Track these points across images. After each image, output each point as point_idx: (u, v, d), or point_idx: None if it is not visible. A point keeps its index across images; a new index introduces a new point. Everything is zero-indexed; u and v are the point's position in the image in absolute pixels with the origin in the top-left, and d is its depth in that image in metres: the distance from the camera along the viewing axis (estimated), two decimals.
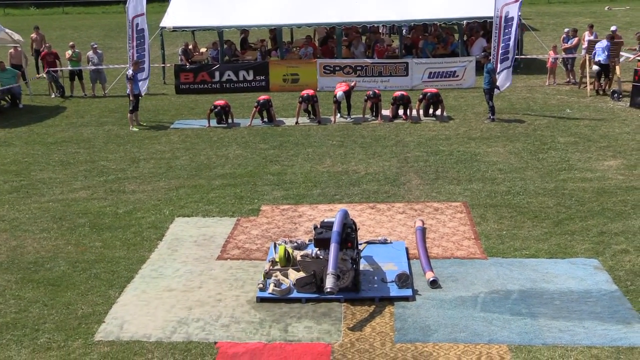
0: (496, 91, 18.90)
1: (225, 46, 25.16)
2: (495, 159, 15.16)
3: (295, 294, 9.29)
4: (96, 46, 24.15)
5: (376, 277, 9.70)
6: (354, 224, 9.68)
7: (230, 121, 19.17)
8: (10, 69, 22.63)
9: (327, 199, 13.06)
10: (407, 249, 10.61)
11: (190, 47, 26.51)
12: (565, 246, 10.66)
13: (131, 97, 19.03)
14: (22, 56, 24.35)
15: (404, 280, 9.42)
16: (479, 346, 8.07)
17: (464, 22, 25.09)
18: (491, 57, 19.30)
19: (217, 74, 23.63)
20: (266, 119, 19.30)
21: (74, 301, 9.44)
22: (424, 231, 11.12)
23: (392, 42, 28.40)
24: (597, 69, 20.99)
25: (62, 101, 23.13)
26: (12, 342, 8.47)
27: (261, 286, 9.43)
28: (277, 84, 23.40)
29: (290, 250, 10.05)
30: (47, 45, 24.67)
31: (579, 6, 44.41)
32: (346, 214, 9.56)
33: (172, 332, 8.58)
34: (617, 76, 21.29)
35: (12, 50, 24.34)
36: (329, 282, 8.64)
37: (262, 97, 19.36)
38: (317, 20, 24.72)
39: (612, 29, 22.83)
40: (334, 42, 25.35)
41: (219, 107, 18.99)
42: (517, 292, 9.31)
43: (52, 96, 23.77)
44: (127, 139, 18.08)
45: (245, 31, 27.30)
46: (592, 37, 22.88)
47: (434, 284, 9.50)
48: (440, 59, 23.73)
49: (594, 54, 21.00)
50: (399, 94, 19.17)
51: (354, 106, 19.64)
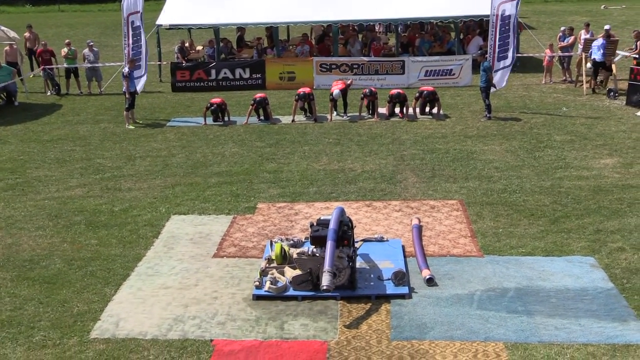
0: (492, 89, 18.91)
1: (221, 44, 25.15)
2: (491, 157, 15.17)
3: (291, 292, 9.29)
4: (92, 44, 24.08)
5: (372, 275, 9.70)
6: (351, 221, 9.69)
7: (226, 119, 19.15)
8: (5, 67, 22.56)
9: (324, 197, 13.06)
10: (403, 247, 10.61)
11: (186, 45, 26.49)
12: (561, 244, 10.67)
13: (127, 95, 19.01)
14: (18, 54, 24.32)
15: (400, 278, 9.42)
16: (475, 344, 8.08)
17: (461, 21, 25.11)
18: (487, 55, 19.32)
19: (213, 71, 23.59)
20: (262, 117, 19.28)
21: (69, 299, 9.42)
22: (420, 229, 11.13)
23: (389, 40, 28.41)
24: (591, 66, 20.98)
25: (58, 99, 23.08)
26: (7, 340, 8.45)
27: (257, 284, 9.42)
28: (274, 82, 23.36)
29: (286, 248, 10.04)
30: (43, 43, 24.63)
31: (575, 5, 44.45)
32: (342, 212, 9.56)
33: (168, 330, 8.57)
34: (613, 74, 21.31)
35: (7, 47, 24.29)
36: (325, 280, 8.63)
37: (258, 95, 19.35)
38: (314, 18, 24.70)
39: (606, 27, 22.85)
40: (331, 40, 25.32)
41: (215, 105, 18.97)
42: (514, 289, 9.32)
43: (48, 94, 23.72)
44: (123, 137, 18.05)
45: (241, 29, 27.27)
46: (588, 36, 22.90)
47: (430, 282, 9.51)
48: (436, 57, 23.71)
49: (590, 52, 21.02)
50: (395, 92, 19.17)
51: (350, 104, 19.63)
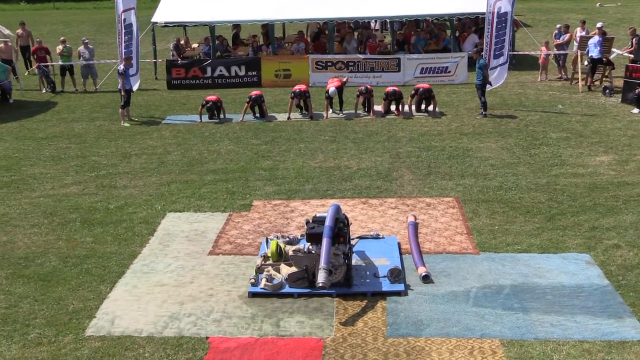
0: (488, 87, 18.92)
1: (217, 42, 25.11)
2: (487, 155, 15.17)
3: (287, 289, 9.28)
4: (87, 41, 24.00)
5: (368, 272, 9.69)
6: (346, 219, 9.68)
7: (222, 116, 19.13)
8: (0, 64, 22.48)
9: (319, 194, 13.05)
10: (399, 244, 10.61)
11: (181, 42, 26.42)
12: (557, 241, 10.68)
13: (122, 93, 18.95)
14: (13, 51, 24.22)
15: (396, 275, 9.41)
16: (471, 341, 8.08)
17: (456, 18, 25.12)
18: (483, 53, 19.31)
19: (208, 69, 23.54)
20: (258, 115, 19.26)
21: (64, 296, 9.40)
22: (416, 226, 11.12)
23: (384, 37, 28.39)
24: (589, 64, 21.00)
25: (53, 96, 23.01)
26: (2, 337, 8.42)
27: (253, 281, 9.41)
28: (269, 79, 23.33)
29: (282, 245, 10.03)
30: (38, 40, 24.55)
31: (571, 3, 44.45)
32: (338, 209, 9.56)
33: (163, 327, 8.55)
34: (609, 72, 21.35)
35: (1, 45, 24.16)
36: (321, 277, 8.63)
37: (254, 92, 19.31)
38: (309, 15, 24.68)
39: (598, 25, 22.90)
40: (326, 37, 25.31)
41: (210, 103, 18.95)
42: (509, 287, 9.32)
43: (43, 91, 23.65)
44: (118, 134, 18.01)
45: (237, 26, 27.23)
46: (584, 33, 22.93)
47: (426, 279, 9.51)
48: (432, 55, 23.72)
49: (587, 50, 21.01)
50: (391, 89, 19.16)
51: (346, 102, 19.62)
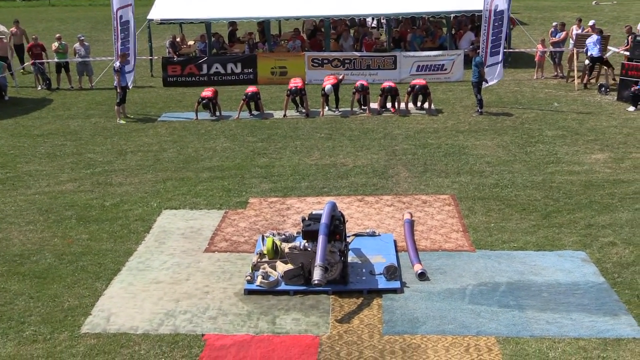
0: (484, 84, 18.92)
1: (213, 39, 25.07)
2: (483, 152, 15.18)
3: (283, 287, 9.27)
4: (83, 38, 23.94)
5: (364, 270, 9.69)
6: (342, 216, 9.68)
7: (218, 114, 19.10)
8: None
9: (315, 192, 13.04)
10: (395, 242, 10.60)
11: (177, 39, 26.37)
12: (553, 239, 10.69)
13: (118, 90, 18.92)
14: (8, 48, 24.14)
15: (392, 272, 9.41)
16: (467, 338, 8.08)
17: (452, 16, 25.12)
18: (479, 51, 19.32)
19: (204, 66, 23.51)
20: (254, 112, 19.24)
21: (60, 294, 9.38)
22: (412, 224, 11.13)
23: (381, 35, 28.38)
24: (589, 63, 20.99)
25: (48, 93, 22.95)
26: None
27: (249, 278, 9.40)
28: (265, 76, 23.29)
29: (278, 242, 10.02)
30: (34, 37, 24.46)
31: (567, 1, 44.44)
32: (334, 207, 9.55)
33: (159, 325, 8.54)
34: (605, 70, 21.36)
35: None
36: (317, 275, 8.62)
37: (250, 89, 19.25)
38: (305, 13, 24.69)
39: (590, 23, 22.92)
40: (322, 35, 25.29)
41: (206, 99, 18.93)
42: (505, 284, 9.33)
43: (39, 88, 23.58)
44: (114, 132, 17.97)
45: (233, 24, 27.20)
46: (580, 31, 22.93)
47: (422, 277, 9.51)
48: (428, 53, 23.71)
49: (585, 49, 20.98)
50: (387, 85, 19.12)
51: (342, 99, 19.60)
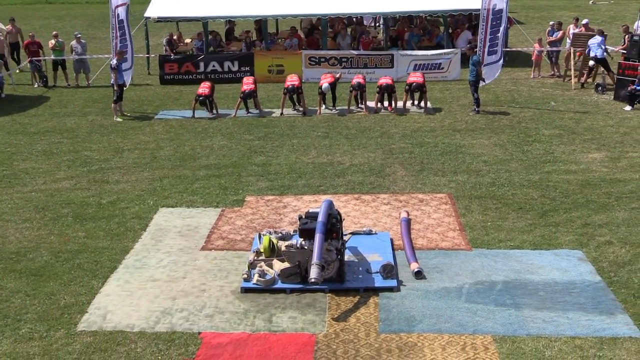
0: (482, 83, 18.93)
1: (210, 37, 25.04)
2: (480, 151, 15.19)
3: (279, 285, 9.27)
4: (80, 36, 23.90)
5: (361, 268, 9.69)
6: (339, 214, 9.68)
7: (214, 112, 19.09)
8: None
9: (312, 190, 13.04)
10: (392, 240, 10.61)
11: (174, 37, 26.34)
12: (549, 237, 10.70)
13: (115, 87, 18.90)
14: (5, 45, 24.10)
15: (389, 271, 9.42)
16: (463, 337, 8.09)
17: (450, 15, 25.12)
18: (477, 49, 19.32)
19: (201, 64, 23.48)
20: (251, 110, 19.22)
21: (56, 291, 9.37)
22: (408, 222, 11.13)
23: (378, 34, 28.36)
24: (592, 63, 20.94)
25: (45, 91, 22.91)
26: None
27: (245, 277, 9.40)
28: (263, 75, 23.24)
29: (274, 240, 10.02)
30: (31, 34, 24.39)
31: (564, 0, 44.50)
32: (331, 205, 9.55)
33: (155, 323, 8.54)
34: (602, 70, 21.37)
35: None
36: (314, 273, 8.63)
37: (246, 86, 19.11)
38: (303, 11, 24.67)
39: (584, 22, 22.91)
40: (320, 33, 25.27)
41: (203, 96, 18.91)
42: (502, 283, 9.33)
43: (35, 86, 23.54)
44: (110, 129, 17.95)
45: (230, 22, 27.17)
46: (577, 30, 22.96)
47: (419, 275, 9.51)
48: (425, 51, 23.71)
49: (588, 50, 20.94)
50: (383, 82, 19.09)
51: (339, 97, 19.61)
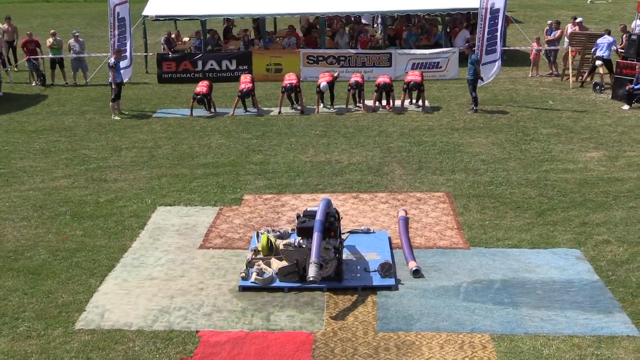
0: (480, 82, 18.94)
1: (208, 35, 25.02)
2: (478, 150, 15.19)
3: (277, 283, 9.28)
4: (78, 34, 23.85)
5: (359, 267, 9.70)
6: (337, 213, 9.67)
7: (212, 110, 19.08)
8: None
9: (310, 189, 13.04)
10: (390, 239, 10.62)
11: (172, 36, 26.28)
12: (547, 236, 10.71)
13: (113, 86, 18.89)
14: (3, 44, 24.06)
15: (387, 269, 9.42)
16: (461, 335, 8.10)
17: (448, 13, 25.12)
18: (475, 48, 19.32)
19: (199, 63, 23.46)
20: (249, 109, 19.22)
21: (54, 290, 9.36)
22: (406, 221, 11.13)
23: (376, 32, 28.34)
24: (601, 63, 20.91)
25: (43, 89, 22.88)
26: None
27: (243, 275, 9.40)
28: (261, 73, 23.23)
29: (272, 239, 10.02)
30: (28, 32, 24.37)
31: None
32: (329, 203, 9.55)
33: (153, 321, 8.53)
34: (599, 69, 21.38)
35: None
36: (312, 271, 8.63)
37: (244, 85, 19.11)
38: (301, 10, 24.66)
39: (578, 20, 22.87)
40: (318, 32, 25.24)
41: (200, 95, 18.90)
42: (500, 281, 9.34)
43: (33, 84, 23.50)
44: (108, 128, 17.93)
45: (229, 21, 27.14)
46: (575, 30, 22.95)
47: (417, 274, 9.52)
48: (423, 50, 23.71)
49: (594, 49, 20.91)
50: (381, 81, 19.07)
51: (337, 96, 19.60)
